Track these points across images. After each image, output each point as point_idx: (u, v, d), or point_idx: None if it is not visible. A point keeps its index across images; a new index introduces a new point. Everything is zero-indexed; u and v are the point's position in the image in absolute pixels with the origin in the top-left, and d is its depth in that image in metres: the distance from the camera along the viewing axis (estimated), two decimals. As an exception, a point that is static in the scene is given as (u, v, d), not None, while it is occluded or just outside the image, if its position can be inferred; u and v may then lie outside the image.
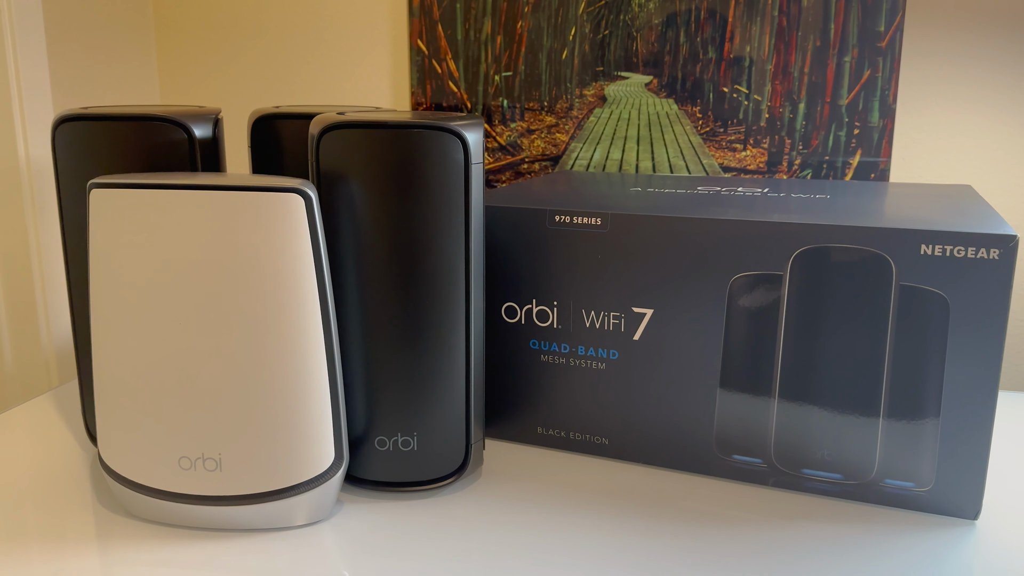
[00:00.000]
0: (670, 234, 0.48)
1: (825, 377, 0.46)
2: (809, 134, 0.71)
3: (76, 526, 0.45)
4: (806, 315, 0.46)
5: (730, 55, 0.72)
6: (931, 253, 0.43)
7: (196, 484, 0.43)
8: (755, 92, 0.71)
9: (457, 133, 0.44)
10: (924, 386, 0.44)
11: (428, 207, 0.44)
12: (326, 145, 0.44)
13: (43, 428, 0.58)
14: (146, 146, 0.47)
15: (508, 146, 0.79)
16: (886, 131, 0.69)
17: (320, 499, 0.44)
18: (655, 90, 0.74)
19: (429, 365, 0.46)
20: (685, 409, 0.50)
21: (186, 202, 0.41)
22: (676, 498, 0.48)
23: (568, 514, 0.46)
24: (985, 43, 0.67)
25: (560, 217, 0.51)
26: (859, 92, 0.69)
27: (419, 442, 0.47)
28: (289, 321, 0.42)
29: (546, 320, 0.52)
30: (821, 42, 0.69)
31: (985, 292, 0.43)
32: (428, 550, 0.43)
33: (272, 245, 0.41)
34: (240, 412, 0.42)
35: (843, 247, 0.45)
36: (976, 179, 0.69)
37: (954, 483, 0.45)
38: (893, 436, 0.46)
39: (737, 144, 0.73)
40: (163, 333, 0.42)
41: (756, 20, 0.70)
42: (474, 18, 0.77)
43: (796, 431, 0.47)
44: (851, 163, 0.70)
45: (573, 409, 0.53)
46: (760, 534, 0.44)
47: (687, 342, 0.49)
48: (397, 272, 0.45)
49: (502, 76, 0.78)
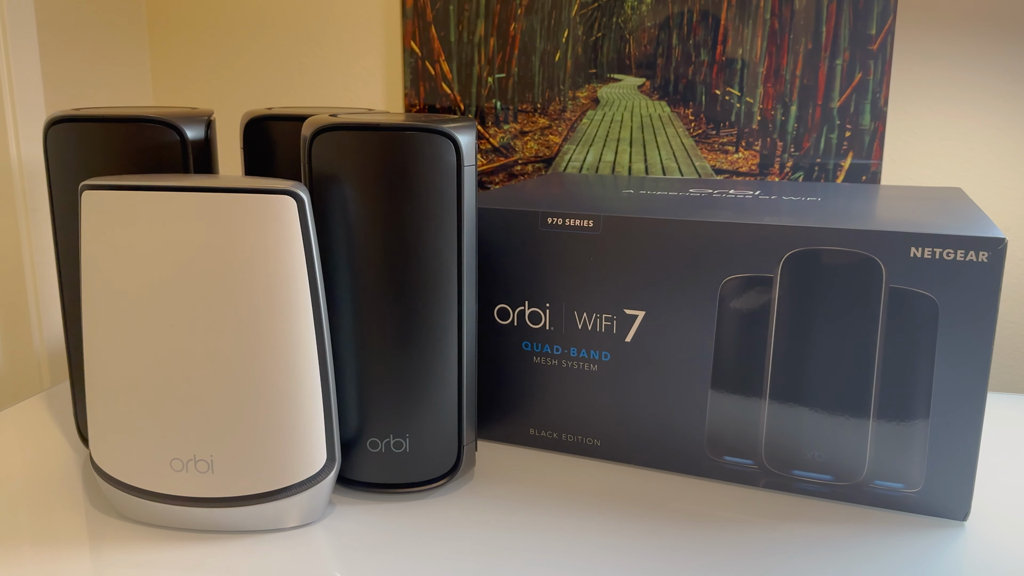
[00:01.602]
0: (662, 236, 0.48)
1: (816, 379, 0.46)
2: (801, 136, 0.71)
3: (68, 528, 0.45)
4: (797, 317, 0.46)
5: (722, 58, 0.72)
6: (921, 256, 0.44)
7: (188, 486, 0.43)
8: (747, 95, 0.72)
9: (449, 135, 0.44)
10: (914, 388, 0.45)
11: (420, 209, 0.44)
12: (318, 147, 0.44)
13: (35, 430, 0.58)
14: (138, 147, 0.47)
15: (501, 148, 0.79)
16: (877, 134, 0.69)
17: (312, 501, 0.44)
18: (648, 92, 0.75)
19: (421, 366, 0.46)
20: (677, 410, 0.50)
21: (178, 204, 0.41)
22: (667, 499, 0.48)
23: (560, 515, 0.46)
24: (976, 46, 0.67)
25: (552, 219, 0.51)
26: (851, 95, 0.69)
27: (411, 444, 0.47)
28: (281, 323, 0.42)
29: (538, 322, 0.52)
30: (813, 45, 0.69)
31: (974, 294, 0.43)
32: (420, 551, 0.43)
33: (264, 247, 0.41)
34: (232, 414, 0.42)
35: (833, 249, 0.45)
36: (966, 182, 0.70)
37: (943, 484, 0.45)
38: (883, 438, 0.46)
39: (729, 146, 0.73)
40: (155, 335, 0.42)
41: (748, 23, 0.71)
42: (467, 20, 0.77)
43: (787, 432, 0.48)
44: (843, 165, 0.71)
45: (565, 411, 0.53)
46: (751, 535, 0.44)
47: (679, 344, 0.49)
48: (389, 274, 0.45)
49: (495, 78, 0.78)
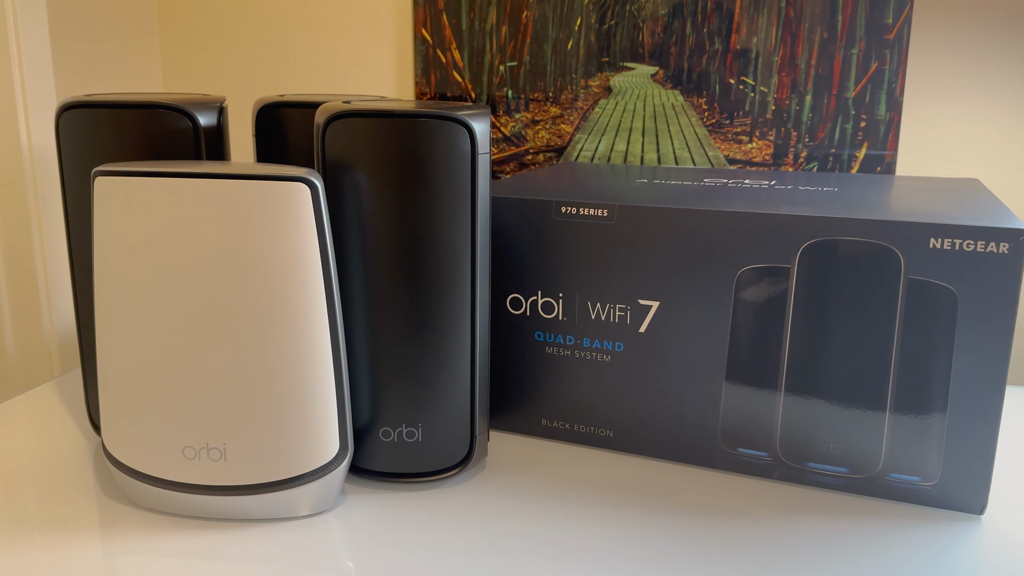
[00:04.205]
0: (677, 226, 0.48)
1: (832, 371, 0.46)
2: (815, 126, 0.70)
3: (79, 515, 0.45)
4: (813, 308, 0.46)
5: (736, 46, 0.71)
6: (940, 247, 0.43)
7: (200, 474, 0.43)
8: (761, 84, 0.71)
9: (464, 123, 0.43)
10: (931, 380, 0.44)
11: (434, 197, 0.44)
12: (332, 134, 0.44)
13: (46, 417, 0.58)
14: (150, 134, 0.47)
15: (512, 137, 0.79)
16: (893, 124, 0.69)
17: (324, 489, 0.44)
18: (661, 81, 0.74)
19: (434, 356, 0.46)
20: (690, 402, 0.50)
21: (191, 191, 0.41)
22: (680, 491, 0.48)
23: (572, 506, 0.46)
24: (993, 36, 0.67)
25: (566, 208, 0.50)
26: (866, 85, 0.69)
27: (424, 433, 0.47)
28: (294, 311, 0.41)
29: (551, 312, 0.52)
30: (828, 34, 0.69)
31: (994, 286, 0.42)
32: (432, 541, 0.43)
33: (277, 234, 0.41)
34: (245, 402, 0.42)
35: (851, 240, 0.44)
36: (983, 173, 0.69)
37: (960, 478, 0.45)
38: (899, 430, 0.45)
39: (743, 136, 0.72)
40: (167, 322, 0.42)
41: (763, 11, 0.70)
42: (479, 8, 0.77)
43: (802, 424, 0.47)
44: (857, 156, 0.70)
45: (578, 401, 0.53)
46: (765, 527, 0.44)
47: (693, 335, 0.49)
48: (402, 262, 0.44)
49: (507, 66, 0.77)
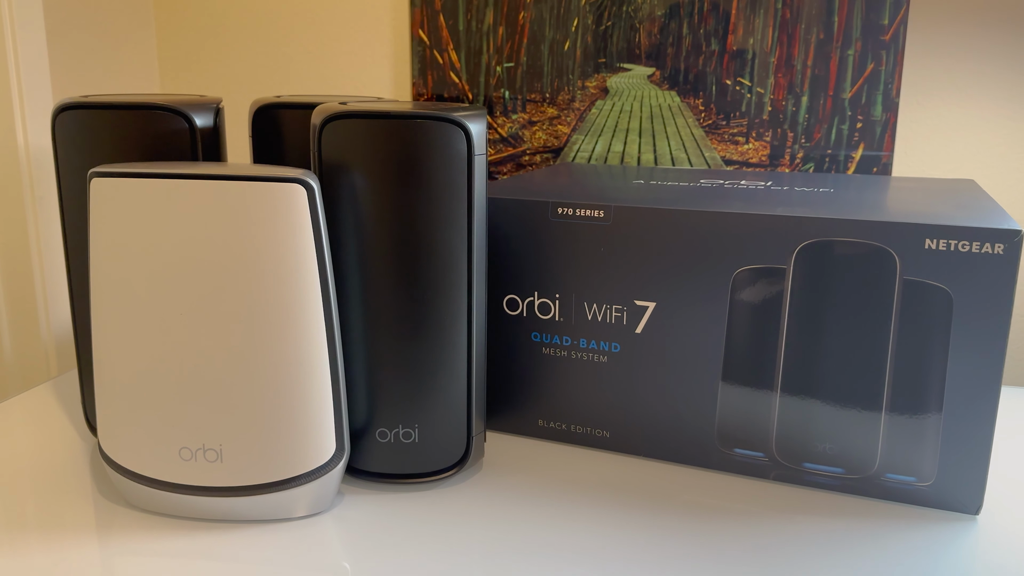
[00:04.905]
0: (673, 227, 0.48)
1: (828, 371, 0.46)
2: (812, 127, 0.71)
3: (76, 517, 0.45)
4: (809, 309, 0.46)
5: (733, 47, 0.71)
6: (935, 247, 0.43)
7: (197, 475, 0.43)
8: (758, 85, 0.71)
9: (460, 124, 0.43)
10: (927, 381, 0.44)
11: (431, 198, 0.44)
12: (328, 135, 0.44)
13: (42, 418, 0.58)
14: (147, 135, 0.47)
15: (509, 138, 0.79)
16: (889, 125, 0.69)
17: (321, 490, 0.44)
18: (657, 82, 0.74)
19: (431, 357, 0.46)
20: (687, 402, 0.50)
21: (187, 192, 0.41)
22: (677, 491, 0.48)
23: (569, 507, 0.46)
24: (990, 37, 0.67)
25: (562, 209, 0.50)
26: (862, 86, 0.69)
27: (420, 434, 0.47)
28: (290, 312, 0.41)
29: (548, 313, 0.52)
30: (824, 35, 0.69)
31: (989, 287, 0.43)
32: (429, 542, 0.43)
33: (274, 235, 0.41)
34: (241, 403, 0.42)
35: (847, 241, 0.45)
36: (979, 174, 0.69)
37: (956, 478, 0.45)
38: (895, 430, 0.45)
39: (739, 137, 0.73)
40: (163, 323, 0.42)
41: (759, 12, 0.70)
42: (476, 8, 0.77)
43: (798, 425, 0.47)
44: (853, 157, 0.70)
45: (574, 402, 0.53)
46: (761, 528, 0.44)
47: (689, 335, 0.49)
48: (399, 263, 0.44)
49: (504, 67, 0.77)
